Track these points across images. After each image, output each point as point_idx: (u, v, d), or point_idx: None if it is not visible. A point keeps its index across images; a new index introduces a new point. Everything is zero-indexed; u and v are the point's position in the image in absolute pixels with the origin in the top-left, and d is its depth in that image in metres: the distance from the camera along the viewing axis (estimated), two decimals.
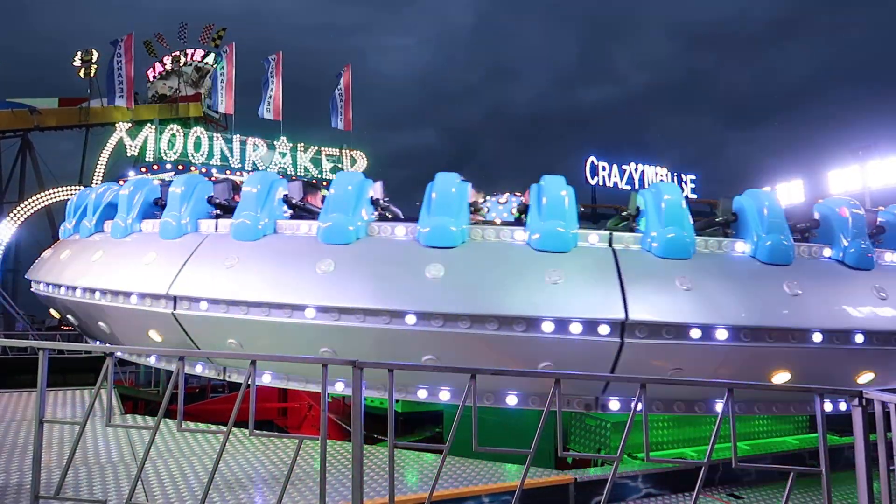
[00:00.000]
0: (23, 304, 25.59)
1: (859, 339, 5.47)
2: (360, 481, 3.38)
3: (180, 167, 25.33)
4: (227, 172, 26.13)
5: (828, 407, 5.83)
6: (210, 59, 34.23)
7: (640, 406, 3.38)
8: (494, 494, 4.87)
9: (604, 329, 5.13)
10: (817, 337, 5.34)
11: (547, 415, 3.39)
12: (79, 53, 30.51)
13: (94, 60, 30.32)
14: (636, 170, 35.70)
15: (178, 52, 35.63)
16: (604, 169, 35.00)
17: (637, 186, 35.77)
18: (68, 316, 8.10)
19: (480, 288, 5.28)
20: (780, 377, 5.53)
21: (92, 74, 30.50)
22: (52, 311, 8.92)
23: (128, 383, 15.55)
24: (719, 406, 5.65)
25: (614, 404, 5.68)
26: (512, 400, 5.66)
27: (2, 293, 23.47)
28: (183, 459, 5.53)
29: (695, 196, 37.21)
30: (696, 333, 5.17)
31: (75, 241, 7.90)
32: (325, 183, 26.12)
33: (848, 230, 5.97)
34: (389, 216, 6.71)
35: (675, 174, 36.97)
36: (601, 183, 34.95)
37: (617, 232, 5.83)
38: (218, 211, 6.83)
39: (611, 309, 5.11)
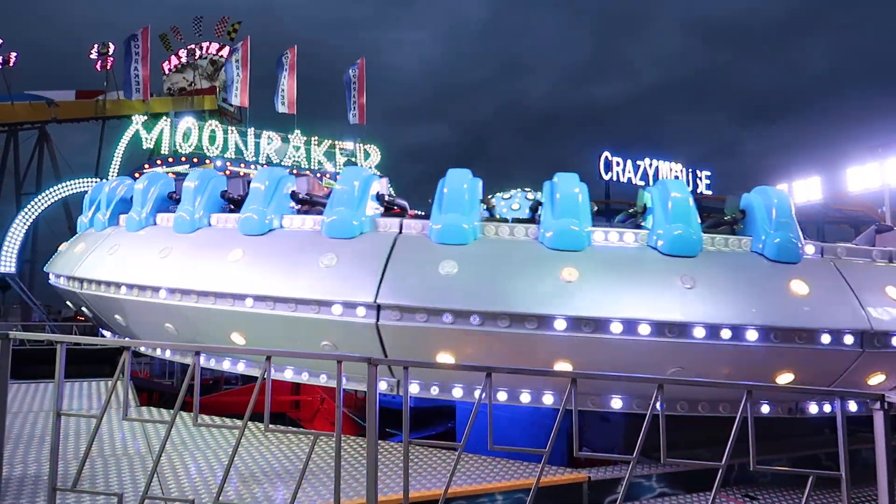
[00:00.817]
0: (39, 295, 25.92)
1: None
2: (375, 478, 3.38)
3: (195, 160, 25.49)
4: (242, 165, 26.26)
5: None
6: (225, 52, 34.33)
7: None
8: (508, 492, 4.86)
9: (360, 311, 5.32)
10: (588, 326, 5.13)
11: (562, 414, 3.37)
12: (95, 46, 30.73)
13: (110, 53, 30.53)
14: (650, 165, 35.44)
15: (193, 46, 35.78)
16: (618, 164, 34.74)
17: (651, 182, 35.55)
18: (83, 308, 8.19)
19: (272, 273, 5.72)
20: (560, 365, 5.34)
21: (108, 67, 30.73)
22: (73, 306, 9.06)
23: (143, 375, 15.72)
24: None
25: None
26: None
27: (20, 284, 23.72)
28: (198, 453, 5.56)
29: (710, 192, 37.01)
30: (448, 318, 5.14)
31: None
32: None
33: (668, 214, 5.66)
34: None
35: (690, 170, 36.69)
36: (615, 178, 34.73)
37: (410, 220, 5.88)
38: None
39: (364, 292, 5.28)
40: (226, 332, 6.05)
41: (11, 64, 29.27)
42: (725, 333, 5.12)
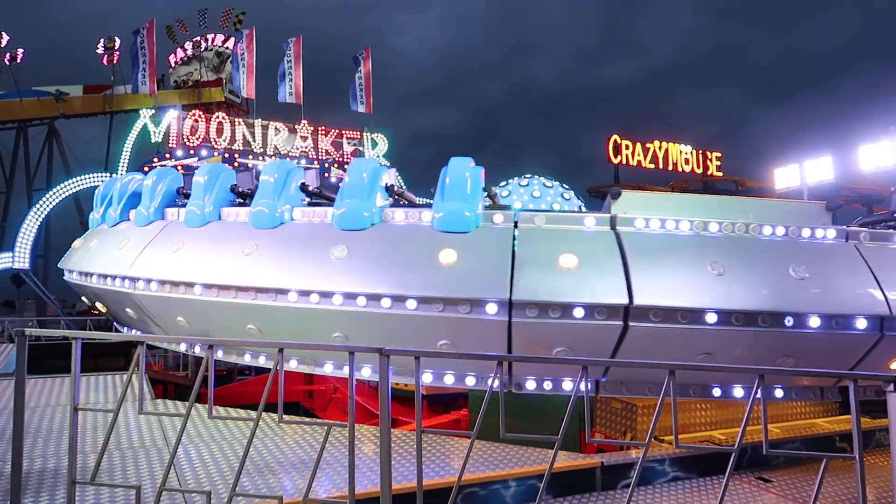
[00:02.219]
0: (53, 289, 26.15)
1: (337, 300, 5.53)
2: (389, 467, 3.41)
3: (204, 153, 25.56)
4: (250, 157, 26.31)
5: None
6: (230, 43, 34.28)
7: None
8: (522, 478, 4.88)
9: (116, 283, 6.67)
10: (310, 297, 5.52)
11: (574, 400, 3.37)
12: (101, 40, 30.76)
13: (116, 47, 30.56)
14: (660, 148, 35.14)
15: (198, 38, 35.76)
16: (627, 147, 34.49)
17: (661, 165, 35.21)
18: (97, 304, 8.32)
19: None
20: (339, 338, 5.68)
21: (115, 61, 30.76)
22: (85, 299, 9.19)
23: (157, 367, 15.84)
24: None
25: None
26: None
27: (34, 279, 23.93)
28: (213, 444, 5.62)
29: (720, 174, 36.67)
30: (198, 289, 5.98)
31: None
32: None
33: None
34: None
35: (700, 152, 36.35)
36: (624, 162, 34.47)
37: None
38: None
39: (123, 267, 6.60)
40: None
41: (19, 60, 29.36)
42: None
